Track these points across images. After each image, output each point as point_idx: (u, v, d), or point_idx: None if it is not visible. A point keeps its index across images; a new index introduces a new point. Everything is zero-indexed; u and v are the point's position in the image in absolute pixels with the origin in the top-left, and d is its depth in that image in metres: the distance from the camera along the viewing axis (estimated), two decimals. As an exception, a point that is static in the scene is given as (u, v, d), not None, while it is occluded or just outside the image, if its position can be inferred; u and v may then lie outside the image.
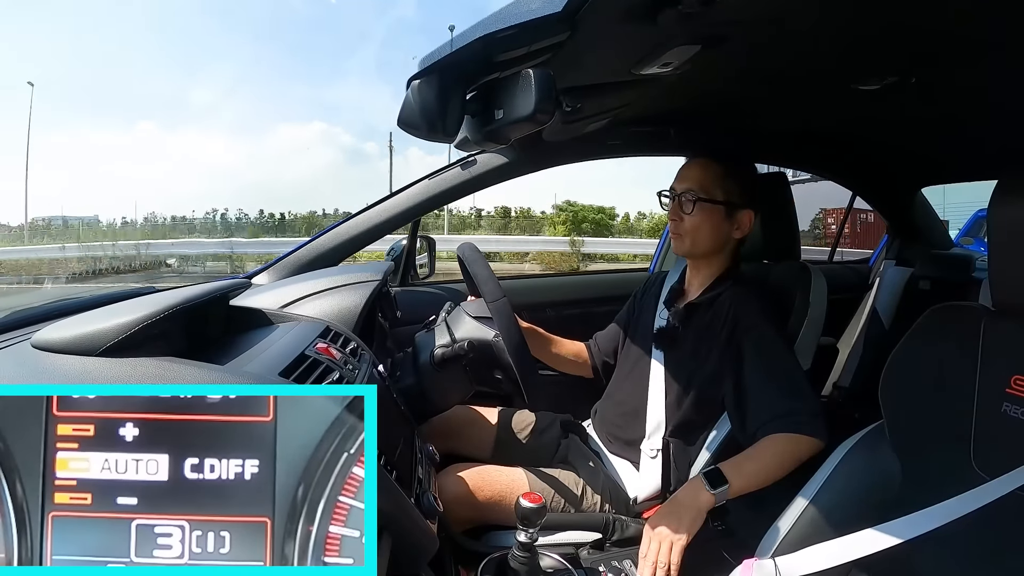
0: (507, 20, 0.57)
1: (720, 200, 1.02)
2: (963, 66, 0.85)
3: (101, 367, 0.51)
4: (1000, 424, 0.70)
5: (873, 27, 0.73)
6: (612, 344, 1.22)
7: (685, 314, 1.05)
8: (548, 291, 1.69)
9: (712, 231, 1.03)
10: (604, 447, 1.11)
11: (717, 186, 1.02)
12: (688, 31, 0.69)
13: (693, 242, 1.04)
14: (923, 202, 2.06)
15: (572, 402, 1.25)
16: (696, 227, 1.03)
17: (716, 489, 0.82)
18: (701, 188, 1.02)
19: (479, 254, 0.94)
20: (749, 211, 1.04)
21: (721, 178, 1.02)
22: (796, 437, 0.87)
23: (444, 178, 1.33)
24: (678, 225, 1.04)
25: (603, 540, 0.94)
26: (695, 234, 1.03)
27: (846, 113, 1.23)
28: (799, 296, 1.09)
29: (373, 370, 0.80)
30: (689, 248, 1.05)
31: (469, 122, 0.72)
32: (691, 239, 1.04)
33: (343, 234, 1.31)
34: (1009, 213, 0.69)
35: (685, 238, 1.04)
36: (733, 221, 1.04)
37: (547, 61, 0.67)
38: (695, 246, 1.04)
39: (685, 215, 1.03)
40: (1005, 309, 0.73)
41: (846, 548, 0.69)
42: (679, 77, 0.83)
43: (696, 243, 1.04)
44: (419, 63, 0.65)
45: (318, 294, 0.97)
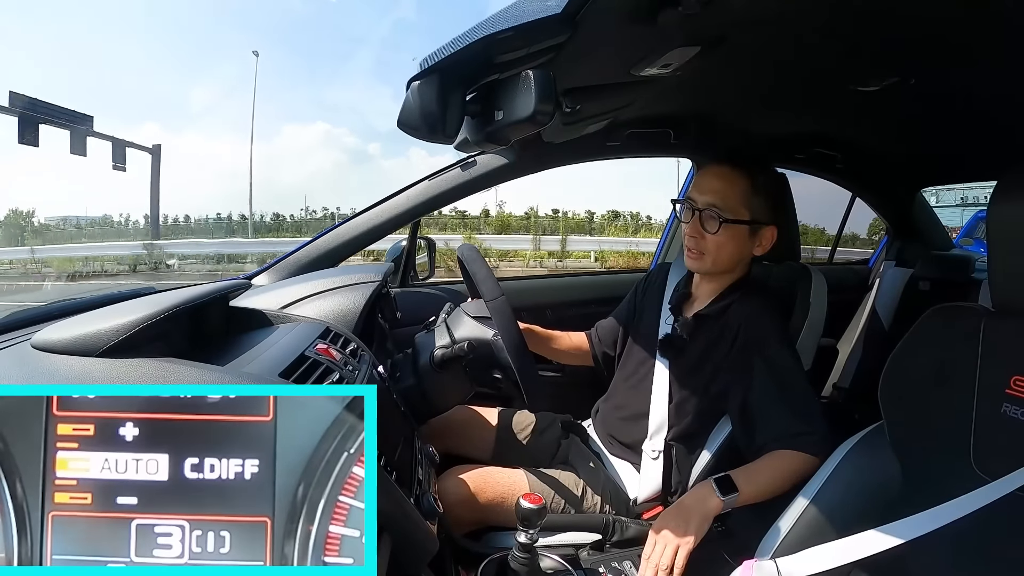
0: (507, 21, 0.57)
1: (746, 220, 0.95)
2: (962, 67, 0.86)
3: (101, 367, 0.51)
4: (1000, 425, 0.70)
5: (873, 28, 0.73)
6: (612, 336, 1.20)
7: (693, 326, 1.01)
8: (548, 292, 1.69)
9: (735, 251, 0.97)
10: (605, 448, 1.11)
11: (743, 204, 0.95)
12: (688, 32, 0.69)
13: (714, 262, 0.98)
14: (923, 203, 2.06)
15: (572, 402, 1.25)
16: (719, 247, 0.96)
17: (726, 496, 0.82)
18: (726, 206, 0.94)
19: (478, 254, 0.94)
20: (773, 227, 0.98)
21: (747, 195, 0.95)
22: (805, 456, 0.86)
23: (444, 179, 1.33)
24: (698, 242, 0.97)
25: (603, 541, 0.93)
26: (717, 255, 0.97)
27: (846, 114, 1.23)
28: (799, 297, 1.09)
29: (373, 371, 0.80)
30: (709, 268, 0.99)
31: (469, 123, 0.72)
32: (712, 259, 0.97)
33: (343, 235, 1.31)
34: (1009, 213, 0.70)
35: (706, 257, 0.97)
36: (756, 238, 0.98)
37: (547, 62, 0.67)
38: (715, 266, 0.99)
39: (708, 233, 0.95)
40: (1005, 310, 0.73)
41: (847, 549, 0.69)
42: (679, 78, 0.84)
43: (717, 263, 0.98)
44: (419, 64, 0.65)
45: (318, 295, 0.97)
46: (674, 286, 1.12)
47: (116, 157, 9.76)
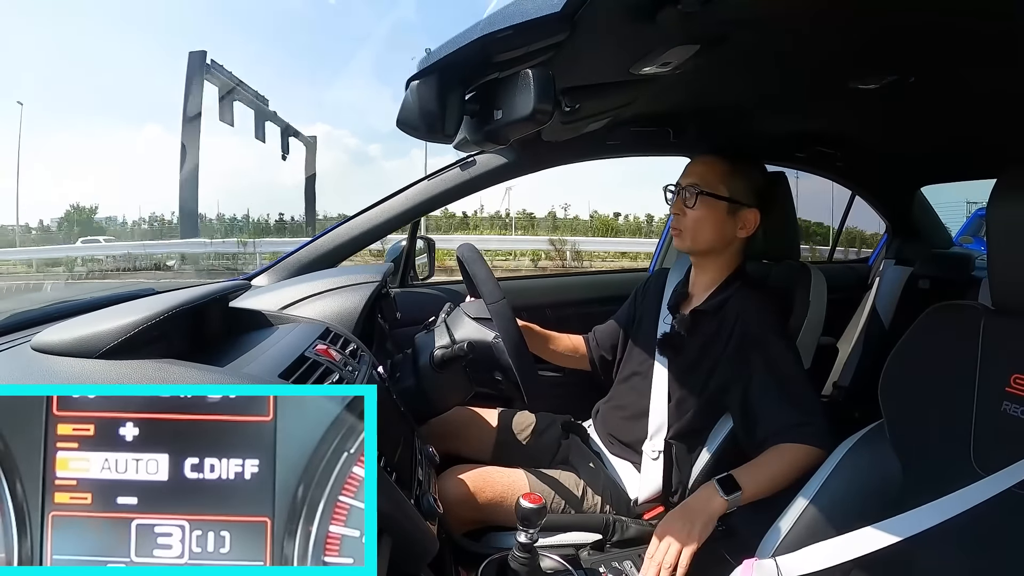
0: (506, 20, 0.57)
1: (724, 196, 1.01)
2: (962, 65, 0.85)
3: (101, 369, 0.51)
4: (1000, 423, 0.70)
5: (872, 26, 0.73)
6: (611, 340, 1.21)
7: (691, 322, 1.03)
8: (547, 292, 1.69)
9: (714, 226, 1.02)
10: (605, 448, 1.11)
11: (721, 182, 1.01)
12: (688, 31, 0.69)
13: (694, 238, 1.02)
14: (923, 202, 2.06)
15: (572, 402, 1.25)
16: (697, 221, 1.01)
17: (729, 496, 0.83)
18: (705, 183, 1.01)
19: (478, 254, 0.94)
20: (755, 210, 1.03)
21: (726, 175, 1.01)
22: (805, 448, 0.86)
23: (443, 179, 1.33)
24: (680, 220, 1.03)
25: (603, 541, 0.93)
26: (696, 229, 1.02)
27: (846, 112, 1.23)
28: (799, 296, 1.09)
29: (373, 371, 0.80)
30: (690, 244, 1.04)
31: (468, 122, 0.72)
32: (692, 234, 1.02)
33: (343, 235, 1.31)
34: (1008, 212, 0.69)
35: (686, 233, 1.03)
36: (737, 219, 1.02)
37: (546, 61, 0.67)
38: (696, 242, 1.03)
39: (687, 209, 1.02)
40: (1005, 308, 0.73)
41: (846, 547, 0.69)
42: (678, 77, 0.83)
43: (697, 239, 1.03)
44: (418, 63, 0.65)
45: (318, 295, 0.97)
46: (672, 288, 1.13)
47: (283, 147, 10.44)
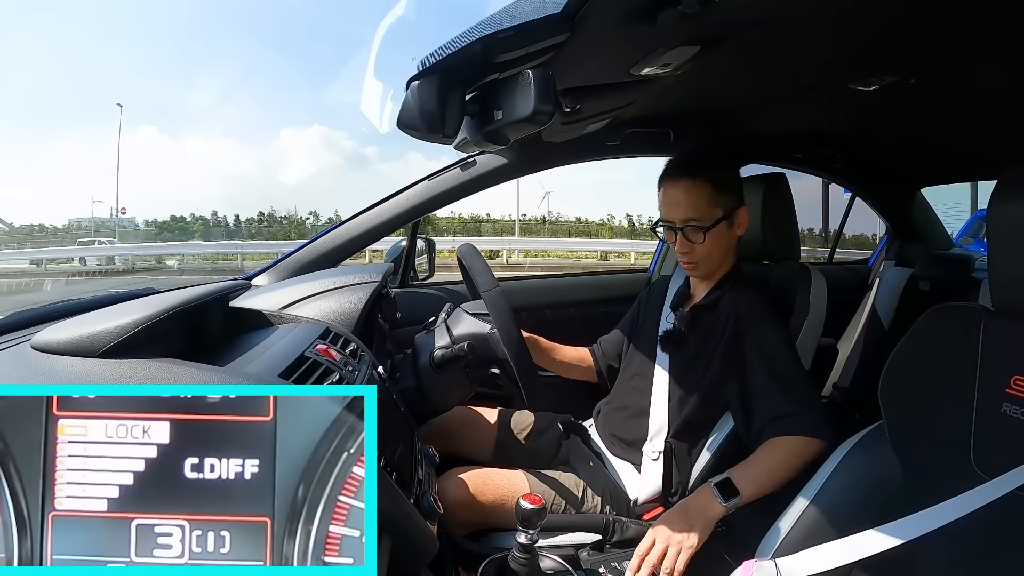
0: (506, 21, 0.57)
1: (721, 217, 1.00)
2: (962, 66, 0.86)
3: (101, 368, 0.51)
4: (1000, 424, 0.70)
5: (872, 28, 0.73)
6: (616, 349, 1.22)
7: (691, 317, 1.05)
8: (547, 292, 1.69)
9: (724, 247, 1.04)
10: (606, 448, 1.11)
11: (713, 205, 1.00)
12: (688, 32, 0.69)
13: (709, 265, 1.04)
14: (923, 202, 2.06)
15: (572, 402, 1.25)
16: (709, 252, 1.02)
17: (728, 502, 0.83)
18: (701, 216, 0.99)
19: (476, 251, 0.94)
20: (744, 208, 1.04)
21: (714, 195, 1.00)
22: (801, 439, 0.87)
23: (443, 179, 1.34)
24: (690, 255, 1.02)
25: (603, 541, 0.93)
26: (710, 258, 1.03)
27: (845, 113, 1.23)
28: (799, 296, 1.09)
29: (373, 371, 0.80)
30: (706, 271, 1.05)
31: (468, 123, 0.72)
32: (706, 264, 1.03)
33: (343, 235, 1.31)
34: (1008, 213, 0.69)
35: (701, 265, 1.03)
36: (734, 224, 1.04)
37: (547, 62, 0.67)
38: (711, 266, 1.04)
39: (696, 245, 1.01)
40: (1005, 309, 0.73)
41: (847, 549, 0.69)
42: (678, 78, 0.84)
43: (711, 263, 1.04)
44: (418, 64, 0.65)
45: (318, 295, 0.97)
46: (675, 290, 1.15)
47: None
